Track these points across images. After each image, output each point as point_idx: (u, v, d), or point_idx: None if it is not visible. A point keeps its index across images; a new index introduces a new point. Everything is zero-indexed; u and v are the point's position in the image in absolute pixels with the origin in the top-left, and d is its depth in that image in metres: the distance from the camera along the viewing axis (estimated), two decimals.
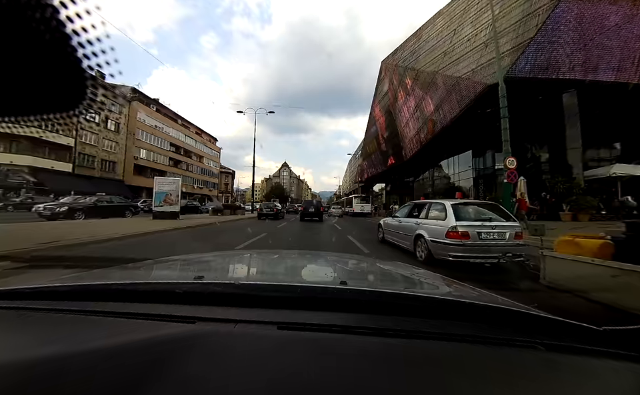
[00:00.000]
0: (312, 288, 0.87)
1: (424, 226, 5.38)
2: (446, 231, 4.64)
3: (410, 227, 5.96)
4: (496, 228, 4.61)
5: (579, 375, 0.51)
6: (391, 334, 0.61)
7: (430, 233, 5.08)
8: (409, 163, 26.55)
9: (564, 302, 3.15)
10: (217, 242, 7.83)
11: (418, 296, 0.87)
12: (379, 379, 0.45)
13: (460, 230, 4.53)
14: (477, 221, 4.80)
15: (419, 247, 5.45)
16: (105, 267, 1.35)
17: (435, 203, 5.58)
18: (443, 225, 4.79)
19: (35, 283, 0.88)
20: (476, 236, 4.52)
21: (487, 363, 0.53)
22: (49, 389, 0.40)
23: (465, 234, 4.52)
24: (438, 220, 5.06)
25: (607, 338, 0.59)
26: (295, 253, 2.38)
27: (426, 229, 5.25)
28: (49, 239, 6.18)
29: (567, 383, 0.49)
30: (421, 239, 5.35)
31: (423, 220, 5.54)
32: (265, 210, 19.51)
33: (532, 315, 0.70)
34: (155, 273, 1.22)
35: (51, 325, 0.63)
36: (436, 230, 4.95)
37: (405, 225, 6.31)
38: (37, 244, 5.60)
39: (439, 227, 4.88)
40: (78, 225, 10.00)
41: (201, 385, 0.42)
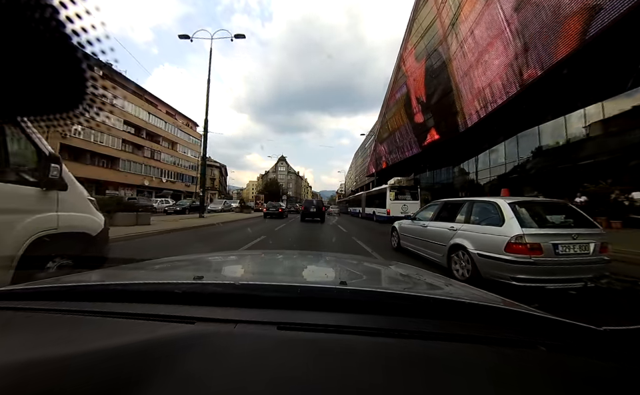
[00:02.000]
0: (312, 288, 0.86)
1: (465, 233, 3.95)
2: (506, 243, 3.23)
3: (441, 233, 4.54)
4: (578, 238, 3.23)
5: (579, 375, 0.52)
6: (392, 334, 0.61)
7: (477, 245, 3.65)
8: (460, 139, 17.42)
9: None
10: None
11: (418, 296, 0.85)
12: (379, 379, 0.46)
13: (529, 241, 3.12)
14: (550, 227, 3.41)
15: (456, 263, 4.04)
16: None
17: (481, 201, 4.13)
18: (500, 233, 3.37)
19: (35, 283, 0.87)
20: (551, 250, 3.12)
21: (487, 363, 0.53)
22: (48, 389, 0.40)
23: (536, 247, 3.11)
24: (489, 226, 3.64)
25: (607, 338, 0.59)
26: (295, 253, 2.39)
27: (469, 238, 3.82)
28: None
29: (567, 383, 0.49)
30: (461, 252, 3.93)
31: (463, 225, 4.10)
32: (271, 209, 21.18)
33: (532, 316, 0.70)
34: (154, 274, 1.22)
35: (51, 325, 0.63)
36: (487, 240, 3.52)
37: (432, 230, 4.88)
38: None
39: (493, 235, 3.46)
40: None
41: (200, 386, 0.42)
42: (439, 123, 19.52)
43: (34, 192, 2.17)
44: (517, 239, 3.17)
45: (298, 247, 6.97)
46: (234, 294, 0.74)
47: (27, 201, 2.13)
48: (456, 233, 4.12)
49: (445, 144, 20.09)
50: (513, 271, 3.15)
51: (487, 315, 0.72)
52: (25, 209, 2.11)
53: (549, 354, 0.55)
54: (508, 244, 3.21)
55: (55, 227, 2.27)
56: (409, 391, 0.43)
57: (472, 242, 3.74)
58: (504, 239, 3.26)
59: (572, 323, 0.62)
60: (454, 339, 0.59)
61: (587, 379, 0.50)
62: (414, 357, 0.52)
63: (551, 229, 3.33)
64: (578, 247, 3.20)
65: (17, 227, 2.03)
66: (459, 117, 17.31)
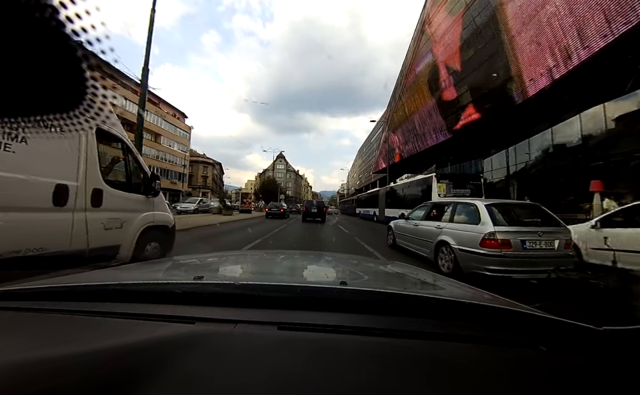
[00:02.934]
0: (312, 288, 0.85)
1: (449, 231, 4.50)
2: (481, 239, 3.77)
3: (429, 232, 5.08)
4: (543, 235, 3.75)
5: (580, 375, 0.51)
6: (392, 334, 0.60)
7: (458, 241, 4.20)
8: (510, 116, 13.19)
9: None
10: None
11: (418, 296, 0.85)
12: (379, 379, 0.45)
13: (500, 237, 3.66)
14: (519, 225, 3.94)
15: (442, 257, 4.57)
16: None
17: (463, 203, 4.68)
18: (476, 230, 3.91)
19: (35, 283, 0.86)
20: (519, 245, 3.65)
21: (488, 363, 0.53)
22: (48, 389, 0.39)
23: (506, 242, 3.64)
24: (468, 224, 4.18)
25: (607, 338, 0.59)
26: (295, 253, 2.37)
27: (452, 235, 4.37)
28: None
29: (567, 383, 0.49)
30: (445, 248, 4.47)
31: (447, 224, 4.65)
32: (273, 209, 21.62)
33: (533, 316, 0.69)
34: (154, 274, 1.21)
35: (51, 325, 0.62)
36: (466, 237, 4.07)
37: (422, 229, 5.43)
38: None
39: (471, 233, 4.00)
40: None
41: (201, 386, 0.41)
42: (480, 98, 14.39)
43: (142, 198, 3.52)
44: (489, 236, 3.70)
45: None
46: (234, 294, 0.74)
47: (140, 205, 3.46)
48: (442, 231, 4.66)
49: (483, 126, 14.87)
50: (486, 263, 3.68)
51: (487, 315, 0.72)
52: (139, 209, 3.43)
53: (549, 354, 0.55)
54: (482, 240, 3.75)
55: (152, 222, 3.58)
56: (409, 391, 0.43)
57: (454, 239, 4.28)
58: (479, 236, 3.80)
59: (572, 323, 0.62)
60: (454, 339, 0.59)
61: (587, 379, 0.50)
62: (414, 357, 0.52)
63: (520, 227, 3.85)
64: (543, 243, 3.72)
65: (136, 221, 3.35)
66: (513, 85, 12.64)
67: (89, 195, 2.81)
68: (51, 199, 2.50)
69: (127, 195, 3.27)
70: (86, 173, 2.80)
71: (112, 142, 3.38)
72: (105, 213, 2.96)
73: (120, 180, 3.32)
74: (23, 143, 2.35)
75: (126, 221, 3.20)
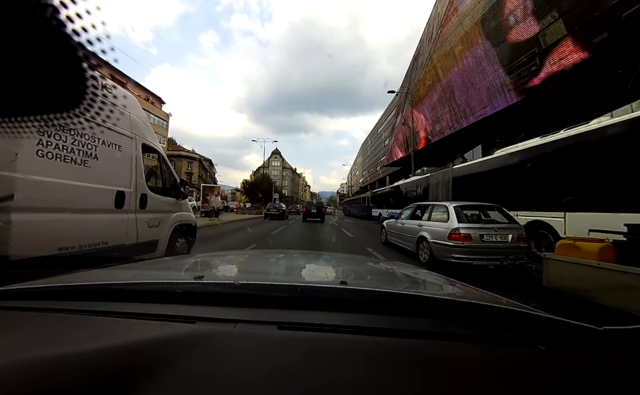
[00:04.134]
0: (312, 288, 0.87)
1: (426, 228, 5.38)
2: (448, 233, 4.64)
3: (413, 229, 5.97)
4: (498, 230, 4.61)
5: (579, 375, 0.51)
6: (392, 334, 0.61)
7: (432, 235, 5.08)
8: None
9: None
10: None
11: (418, 296, 0.86)
12: (379, 379, 0.45)
13: (462, 232, 4.53)
14: (479, 223, 4.80)
15: (421, 250, 5.45)
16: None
17: (438, 205, 5.59)
18: (446, 227, 4.79)
19: (36, 283, 0.87)
20: (478, 238, 4.52)
21: (488, 363, 0.53)
22: (48, 389, 0.39)
23: (467, 236, 4.51)
24: (440, 222, 5.06)
25: (607, 338, 0.58)
26: (295, 253, 2.35)
27: (428, 231, 5.25)
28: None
29: (567, 383, 0.49)
30: (424, 242, 5.35)
31: (426, 222, 5.55)
32: (272, 210, 21.54)
33: (532, 316, 0.69)
34: (154, 273, 1.22)
35: (51, 325, 0.62)
36: (438, 232, 4.95)
37: (407, 227, 6.32)
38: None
39: (442, 229, 4.88)
40: None
41: (201, 385, 0.41)
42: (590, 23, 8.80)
43: (173, 201, 4.22)
44: (454, 230, 4.58)
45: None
46: (234, 294, 0.74)
47: (172, 206, 4.16)
48: (422, 228, 5.54)
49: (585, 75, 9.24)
50: (452, 252, 4.56)
51: (486, 315, 0.71)
52: (171, 210, 4.16)
53: (549, 354, 0.55)
54: (449, 234, 4.63)
55: (181, 221, 4.32)
56: (409, 390, 0.43)
57: (430, 234, 5.18)
58: (447, 231, 4.67)
59: (572, 323, 0.61)
60: (454, 338, 0.59)
61: (587, 379, 0.50)
62: (414, 356, 0.53)
63: (480, 224, 4.72)
64: (499, 236, 4.59)
65: (169, 220, 4.09)
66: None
67: (137, 199, 3.55)
68: (113, 203, 3.26)
69: (162, 198, 3.97)
70: (136, 181, 3.49)
71: (151, 153, 4.03)
72: (149, 214, 3.69)
73: (157, 186, 4.09)
74: (95, 159, 3.15)
75: (162, 220, 3.92)
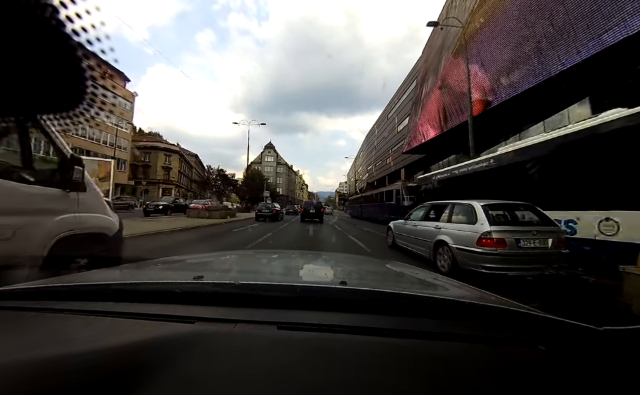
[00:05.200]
0: (312, 288, 0.86)
1: (446, 231, 4.62)
2: (477, 238, 3.90)
3: (428, 232, 5.21)
4: (537, 234, 3.88)
5: (579, 375, 0.51)
6: (391, 334, 0.60)
7: (455, 240, 4.33)
8: None
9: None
10: None
11: (418, 296, 0.84)
12: (379, 378, 0.45)
13: (495, 236, 3.78)
14: (514, 225, 4.07)
15: (439, 256, 4.70)
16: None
17: (461, 204, 4.80)
18: (473, 230, 4.03)
19: (36, 283, 0.86)
20: (514, 243, 3.77)
21: (488, 363, 0.53)
22: (48, 389, 0.39)
23: (501, 241, 3.77)
24: (465, 224, 4.31)
25: (607, 338, 0.58)
26: (295, 253, 2.34)
27: (449, 235, 4.49)
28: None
29: (567, 383, 0.49)
30: (443, 247, 4.60)
31: (445, 224, 4.78)
32: (264, 211, 18.17)
33: (532, 315, 0.69)
34: (154, 273, 1.21)
35: (51, 325, 0.62)
36: (463, 236, 4.19)
37: (421, 229, 5.55)
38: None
39: (468, 232, 4.12)
40: None
41: (201, 386, 0.41)
42: None
43: (57, 193, 2.20)
44: (486, 235, 3.83)
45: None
46: (234, 294, 0.74)
47: (51, 202, 2.16)
48: (440, 231, 4.78)
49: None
50: (483, 261, 3.81)
51: (487, 315, 0.71)
52: (49, 209, 2.14)
53: (549, 354, 0.55)
54: (479, 239, 3.87)
55: (76, 228, 2.30)
56: (408, 390, 0.43)
57: (452, 238, 4.41)
58: (476, 235, 3.92)
59: (572, 323, 0.61)
60: (454, 339, 0.59)
61: (587, 379, 0.50)
62: (413, 356, 0.52)
63: (515, 227, 3.98)
64: (537, 241, 3.85)
65: (42, 227, 2.06)
66: None
67: None
68: None
69: (24, 188, 1.99)
70: None
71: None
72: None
73: (13, 164, 2.00)
74: None
75: (23, 227, 1.95)
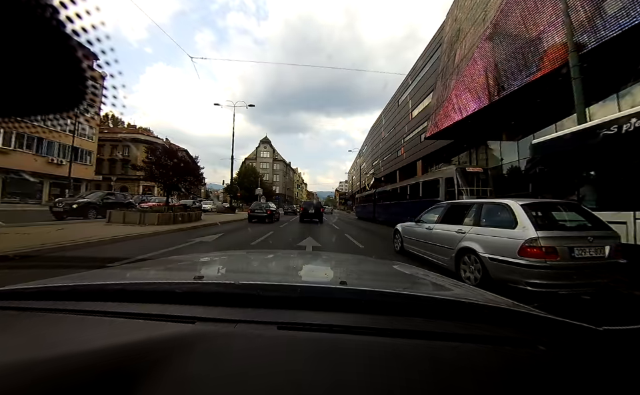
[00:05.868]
0: (312, 288, 0.86)
1: (474, 237, 3.83)
2: (519, 246, 3.12)
3: (447, 237, 4.42)
4: (593, 241, 3.12)
5: (579, 375, 0.52)
6: (391, 334, 0.60)
7: (487, 248, 3.54)
8: None
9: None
10: None
11: (418, 296, 0.85)
12: (379, 378, 0.46)
13: (544, 244, 3.01)
14: (565, 229, 3.31)
15: (465, 267, 3.91)
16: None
17: (493, 203, 4.00)
18: (513, 236, 3.25)
19: (35, 283, 0.87)
20: (567, 253, 3.01)
21: (487, 362, 0.53)
22: (48, 389, 0.39)
23: (552, 250, 2.99)
24: (500, 228, 3.53)
25: (607, 338, 0.59)
26: (295, 253, 2.51)
27: (478, 242, 3.70)
28: None
29: (567, 383, 0.49)
30: (469, 256, 3.82)
31: (471, 228, 3.99)
32: (257, 211, 15.70)
33: (532, 315, 0.70)
34: (154, 273, 1.20)
35: (51, 325, 0.62)
36: (499, 244, 3.40)
37: (439, 233, 4.76)
38: None
39: (505, 239, 3.34)
40: None
41: (201, 386, 0.41)
42: None
43: None
44: (531, 242, 3.05)
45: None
46: (234, 294, 0.74)
47: None
48: (464, 236, 4.01)
49: None
50: (527, 275, 3.03)
51: (486, 315, 0.71)
52: None
53: (549, 354, 0.55)
54: (522, 248, 3.09)
55: None
56: (409, 390, 0.44)
57: (482, 246, 3.62)
58: (518, 243, 3.14)
59: (572, 323, 0.62)
60: (454, 339, 0.59)
61: (587, 379, 0.51)
62: (414, 357, 0.52)
63: (566, 232, 3.22)
64: (593, 250, 3.10)
65: None
66: None
67: None
68: None
69: None
70: None
71: None
72: None
73: None
74: None
75: None
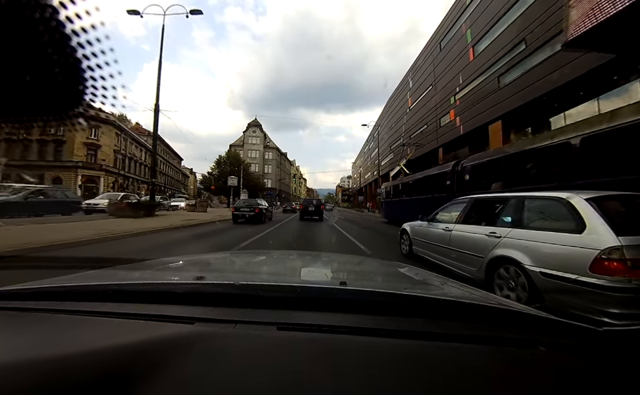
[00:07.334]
0: (312, 288, 0.86)
1: (515, 242, 2.91)
2: (592, 259, 2.23)
3: (475, 241, 3.49)
4: None
5: (579, 375, 0.51)
6: (391, 334, 0.60)
7: (538, 259, 2.61)
8: None
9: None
10: None
11: (418, 296, 0.85)
12: (379, 379, 0.45)
13: (629, 256, 2.12)
14: None
15: (502, 282, 3.00)
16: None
17: (541, 197, 3.07)
18: (581, 244, 2.33)
19: (35, 283, 0.87)
20: None
21: (487, 363, 0.53)
22: (48, 389, 0.39)
23: (639, 265, 2.12)
24: (558, 233, 2.61)
25: (606, 338, 0.60)
26: (294, 253, 2.51)
27: (523, 250, 2.79)
28: None
29: (567, 383, 0.49)
30: (508, 268, 2.91)
31: (512, 230, 3.06)
32: (244, 209, 12.86)
33: (532, 316, 0.70)
34: (154, 274, 1.21)
35: (51, 325, 0.63)
36: (558, 253, 2.47)
37: (461, 236, 3.83)
38: None
39: (569, 248, 2.41)
40: None
41: (200, 386, 0.42)
42: None
43: None
44: (610, 254, 2.15)
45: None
46: (234, 294, 0.74)
47: None
48: (500, 242, 3.10)
49: None
50: (603, 302, 2.13)
51: (487, 316, 0.71)
52: None
53: (549, 354, 0.56)
54: (596, 261, 2.19)
55: None
56: (409, 390, 0.44)
57: (529, 255, 2.71)
58: (589, 254, 2.24)
59: (572, 324, 0.64)
60: (454, 339, 0.59)
61: (587, 379, 0.51)
62: (414, 357, 0.52)
63: None
64: None
65: None
66: None
67: None
68: None
69: None
70: None
71: None
72: None
73: None
74: None
75: None
